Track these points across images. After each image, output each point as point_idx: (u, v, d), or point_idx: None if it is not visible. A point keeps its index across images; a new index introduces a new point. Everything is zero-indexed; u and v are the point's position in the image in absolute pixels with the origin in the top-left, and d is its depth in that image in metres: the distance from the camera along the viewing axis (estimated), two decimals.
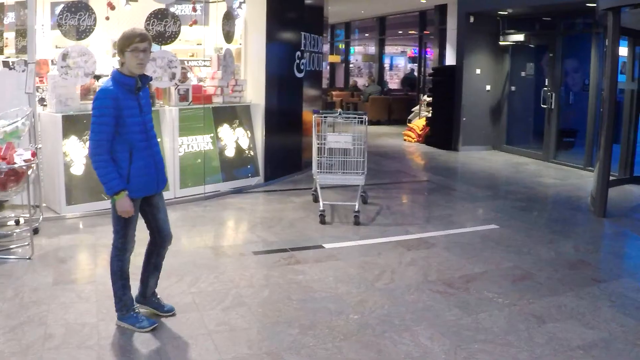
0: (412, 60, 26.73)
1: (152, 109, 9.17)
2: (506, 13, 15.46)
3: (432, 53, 22.03)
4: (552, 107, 14.34)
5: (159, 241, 5.33)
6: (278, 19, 11.18)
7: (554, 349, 5.00)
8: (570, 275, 6.82)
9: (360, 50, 29.25)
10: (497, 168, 13.85)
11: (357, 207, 8.75)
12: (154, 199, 5.21)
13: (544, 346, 5.04)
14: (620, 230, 9.05)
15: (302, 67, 11.96)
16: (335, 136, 9.23)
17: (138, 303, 5.40)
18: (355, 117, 9.37)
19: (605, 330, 5.40)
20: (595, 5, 10.07)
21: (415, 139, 18.04)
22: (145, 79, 5.06)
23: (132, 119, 4.88)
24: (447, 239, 8.08)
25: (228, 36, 10.58)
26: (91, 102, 8.65)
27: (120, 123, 4.80)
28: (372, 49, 27.09)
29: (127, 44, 4.84)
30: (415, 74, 25.59)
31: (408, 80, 26.08)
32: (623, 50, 11.17)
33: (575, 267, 7.10)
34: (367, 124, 9.27)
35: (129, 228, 5.07)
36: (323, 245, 7.62)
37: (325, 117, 9.44)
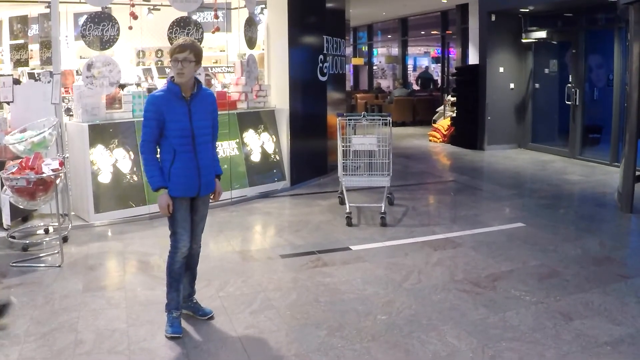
0: (436, 60, 26.69)
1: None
2: (527, 10, 15.39)
3: (455, 53, 22.01)
4: (577, 103, 14.26)
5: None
6: (300, 23, 11.22)
7: (582, 345, 4.99)
8: (597, 272, 6.79)
9: (383, 52, 29.24)
10: (522, 166, 13.79)
11: (383, 208, 8.76)
12: (196, 202, 5.36)
13: (571, 343, 5.03)
14: None
15: (325, 71, 12.00)
16: (360, 138, 9.25)
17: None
18: (380, 119, 9.38)
19: (633, 326, 5.38)
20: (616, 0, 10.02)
21: (441, 139, 18.01)
22: (199, 87, 5.23)
23: (176, 124, 5.05)
24: (473, 238, 8.07)
25: (250, 42, 10.64)
26: (116, 111, 8.84)
27: (164, 127, 5.05)
28: (395, 51, 27.08)
29: (170, 54, 5.09)
30: (432, 72, 25.56)
31: (422, 79, 26.02)
32: None
33: (601, 264, 7.07)
34: (391, 125, 9.28)
35: (177, 227, 5.23)
36: (350, 247, 7.64)
37: (349, 119, 9.47)
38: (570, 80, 14.57)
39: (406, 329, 5.29)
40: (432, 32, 25.23)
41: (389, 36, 28.15)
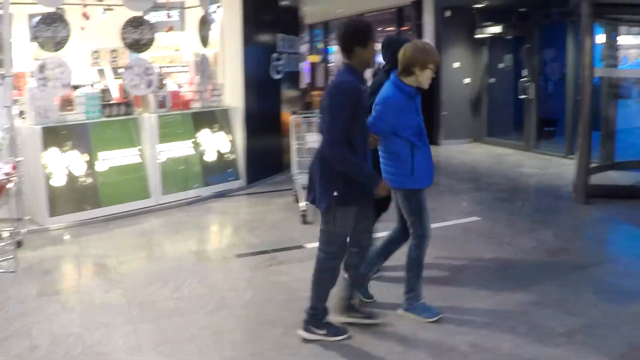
0: None
1: (131, 116, 9.29)
2: (482, 6, 15.52)
3: None
4: (531, 97, 14.42)
5: (404, 235, 5.72)
6: (254, 21, 11.20)
7: (537, 337, 5.08)
8: (552, 263, 6.91)
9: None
10: (478, 160, 13.92)
11: None
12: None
13: (527, 335, 5.11)
14: (601, 217, 9.15)
15: (279, 69, 11.99)
16: (315, 135, 9.27)
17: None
18: None
19: (587, 316, 5.49)
20: None
21: None
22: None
23: (410, 121, 5.26)
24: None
25: (204, 41, 10.62)
26: (69, 113, 8.74)
27: (397, 124, 5.21)
28: None
29: (431, 60, 5.20)
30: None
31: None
32: (601, 38, 11.27)
33: (556, 255, 7.19)
34: None
35: (424, 214, 5.48)
36: (305, 245, 7.65)
37: (304, 117, 9.48)
38: (524, 74, 14.72)
39: (360, 325, 5.31)
40: (388, 29, 25.27)
41: None
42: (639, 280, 6.52)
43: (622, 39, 13.15)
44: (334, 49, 28.59)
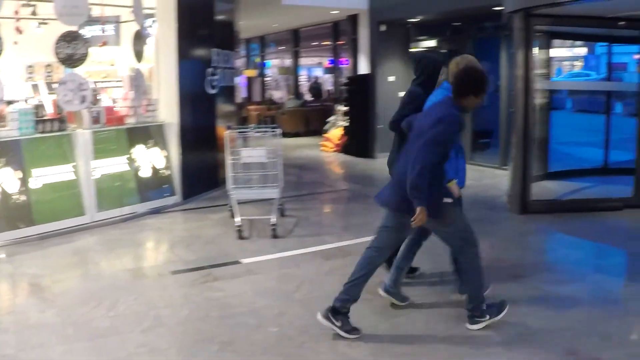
0: (329, 70, 26.90)
1: (65, 132, 9.19)
2: (416, 20, 15.75)
3: (347, 63, 22.23)
4: None
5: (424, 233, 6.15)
6: (189, 36, 11.19)
7: (473, 346, 5.20)
8: (487, 273, 6.98)
9: (277, 64, 29.28)
10: None
11: (274, 220, 8.83)
12: None
13: (463, 345, 5.23)
14: (537, 226, 9.38)
15: (214, 84, 11.99)
16: (249, 150, 9.32)
17: (387, 292, 6.15)
18: (269, 131, 9.44)
19: (523, 325, 5.62)
20: (502, 8, 10.38)
21: (333, 149, 18.18)
22: None
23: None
24: (364, 246, 8.01)
25: (139, 55, 10.58)
26: (2, 129, 8.62)
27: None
28: (288, 62, 27.16)
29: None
30: (325, 82, 25.79)
31: (314, 90, 26.27)
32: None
33: (492, 265, 7.27)
34: (280, 136, 9.36)
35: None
36: (241, 260, 7.68)
37: (238, 132, 9.51)
38: None
39: (298, 339, 5.39)
40: (324, 43, 25.41)
41: (282, 47, 28.21)
42: (574, 287, 6.73)
43: (557, 52, 13.49)
44: (271, 63, 28.69)
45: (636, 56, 13.63)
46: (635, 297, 6.45)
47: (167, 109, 11.02)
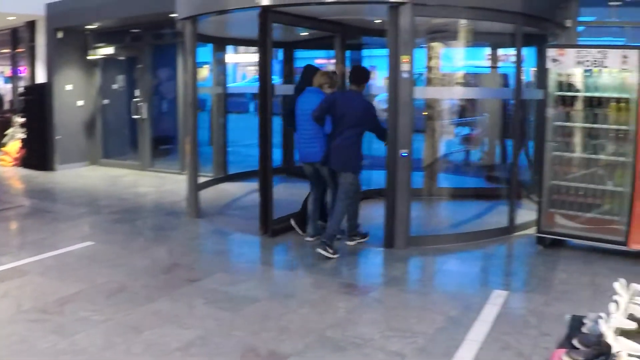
0: (10, 80, 25.58)
1: None
2: (94, 27, 15.29)
3: (25, 71, 21.23)
4: (145, 116, 14.51)
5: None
6: None
7: (153, 356, 5.06)
8: (166, 279, 6.98)
9: None
10: (93, 183, 13.64)
11: None
12: None
13: (142, 355, 5.09)
14: (213, 229, 9.53)
15: None
16: None
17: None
18: None
19: (201, 327, 5.63)
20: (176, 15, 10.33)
21: (12, 163, 17.18)
22: None
23: None
24: (41, 263, 7.69)
25: None
26: None
27: None
28: None
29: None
30: (6, 92, 24.51)
31: None
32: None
33: (170, 271, 7.29)
34: None
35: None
36: None
37: None
38: (137, 94, 14.74)
39: None
40: (3, 51, 24.10)
41: None
42: (249, 285, 6.89)
43: (239, 58, 13.75)
44: None
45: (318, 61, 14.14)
46: (308, 288, 6.90)
47: None
